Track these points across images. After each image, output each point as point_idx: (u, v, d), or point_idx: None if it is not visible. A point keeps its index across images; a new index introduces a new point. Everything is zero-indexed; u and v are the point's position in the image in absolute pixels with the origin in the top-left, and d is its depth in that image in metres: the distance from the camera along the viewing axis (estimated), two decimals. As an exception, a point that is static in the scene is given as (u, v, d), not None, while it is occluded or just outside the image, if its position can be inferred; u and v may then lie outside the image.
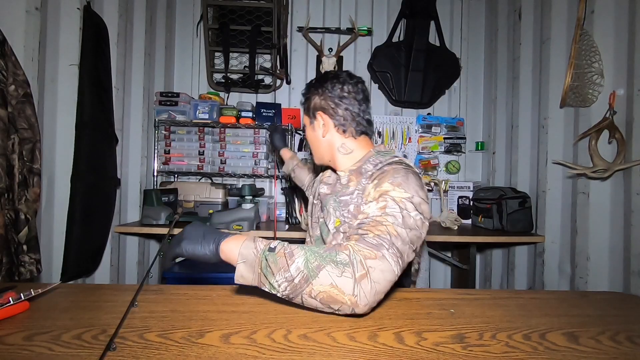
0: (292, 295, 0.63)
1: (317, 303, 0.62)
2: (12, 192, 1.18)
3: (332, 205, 0.89)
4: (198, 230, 0.70)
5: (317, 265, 0.62)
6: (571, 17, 1.72)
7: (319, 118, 0.94)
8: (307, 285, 0.61)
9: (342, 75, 0.93)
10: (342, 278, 0.61)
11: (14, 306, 0.62)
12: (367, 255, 0.64)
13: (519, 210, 1.91)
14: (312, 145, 1.00)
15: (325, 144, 0.95)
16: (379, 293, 0.63)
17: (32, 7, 1.29)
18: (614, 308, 0.75)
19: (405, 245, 0.69)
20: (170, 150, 2.28)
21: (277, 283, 0.62)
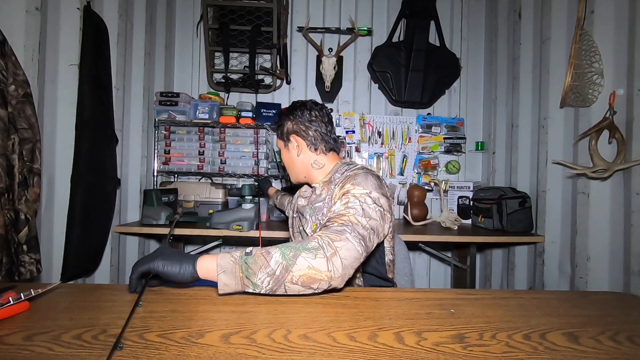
0: (275, 287, 0.70)
1: (299, 287, 0.70)
2: (12, 192, 1.18)
3: (309, 212, 1.02)
4: (172, 251, 0.74)
5: (293, 254, 0.70)
6: (571, 17, 1.72)
7: (293, 140, 1.07)
8: (287, 273, 0.69)
9: (309, 103, 1.08)
10: (317, 259, 0.70)
11: (14, 306, 0.62)
12: (333, 239, 0.74)
13: (519, 210, 1.91)
14: (288, 166, 1.12)
15: (300, 162, 1.08)
16: (348, 267, 0.74)
17: (32, 7, 1.29)
18: (614, 308, 0.75)
19: (366, 231, 0.80)
20: (170, 150, 2.28)
21: (260, 280, 0.69)
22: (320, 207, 1.00)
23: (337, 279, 0.72)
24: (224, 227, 1.79)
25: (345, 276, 0.73)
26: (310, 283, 0.70)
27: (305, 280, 0.70)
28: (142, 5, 2.04)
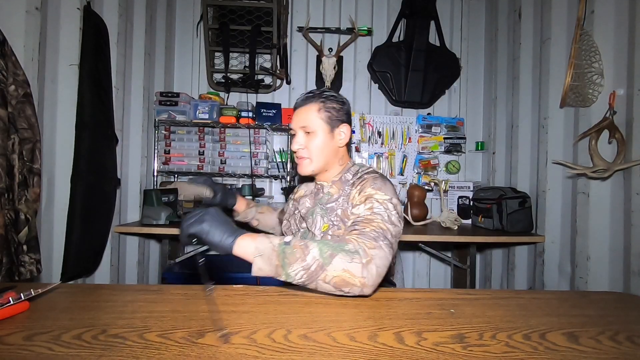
0: (307, 282, 0.72)
1: (330, 287, 0.72)
2: (12, 192, 1.18)
3: (319, 213, 0.99)
4: (220, 218, 0.74)
5: (330, 254, 0.72)
6: (571, 17, 1.72)
7: (343, 128, 1.02)
8: (322, 271, 0.71)
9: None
10: (353, 264, 0.71)
11: (14, 306, 0.62)
12: (368, 246, 0.75)
13: (519, 210, 1.91)
14: (321, 152, 1.00)
15: (334, 152, 1.02)
16: (380, 275, 0.75)
17: (32, 7, 1.29)
18: (614, 308, 0.75)
19: (393, 238, 0.82)
20: (170, 150, 2.28)
21: (294, 272, 0.71)
22: (332, 208, 0.97)
23: (370, 286, 0.73)
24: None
25: (376, 284, 0.74)
26: (343, 286, 0.71)
27: (338, 282, 0.71)
28: (142, 5, 2.03)
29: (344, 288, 0.71)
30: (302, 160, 1.01)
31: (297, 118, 1.01)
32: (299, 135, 1.01)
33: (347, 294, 0.73)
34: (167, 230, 1.84)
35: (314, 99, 1.00)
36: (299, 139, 1.00)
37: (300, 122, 1.00)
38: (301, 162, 1.01)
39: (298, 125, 1.01)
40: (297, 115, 1.02)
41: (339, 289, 0.72)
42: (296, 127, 1.01)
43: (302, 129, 1.00)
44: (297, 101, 1.03)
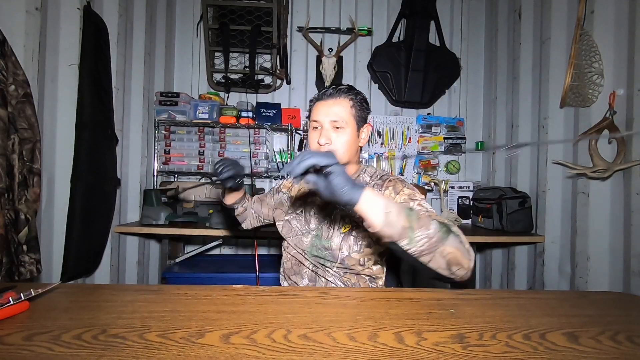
0: (425, 252, 0.70)
1: (444, 262, 0.71)
2: (12, 192, 1.18)
3: (340, 213, 0.97)
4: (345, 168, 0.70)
5: (446, 229, 0.71)
6: (571, 17, 1.72)
7: (366, 127, 1.01)
8: (441, 244, 0.70)
9: None
10: (462, 245, 0.72)
11: (14, 306, 0.62)
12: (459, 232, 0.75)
13: (519, 210, 1.91)
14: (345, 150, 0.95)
15: (355, 151, 0.99)
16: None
17: (32, 7, 1.29)
18: (614, 308, 0.75)
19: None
20: (170, 150, 2.28)
21: (418, 237, 0.69)
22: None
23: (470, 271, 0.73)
24: (224, 227, 1.79)
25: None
26: (454, 264, 0.71)
27: (452, 259, 0.71)
28: (142, 5, 2.03)
29: (453, 267, 0.71)
30: None
31: (327, 110, 0.94)
32: (326, 129, 0.94)
33: (452, 274, 0.72)
34: (167, 230, 1.84)
35: (345, 94, 0.96)
36: (326, 133, 0.94)
37: (331, 116, 0.94)
38: None
39: (328, 118, 0.94)
40: (327, 108, 0.95)
41: (449, 267, 0.71)
42: (324, 120, 0.95)
43: (332, 124, 0.94)
44: (326, 92, 0.97)
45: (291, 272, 1.05)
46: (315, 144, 0.95)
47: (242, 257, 2.41)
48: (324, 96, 0.97)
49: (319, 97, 0.98)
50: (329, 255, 0.96)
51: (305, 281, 1.02)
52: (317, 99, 0.99)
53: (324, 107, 0.95)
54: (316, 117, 0.96)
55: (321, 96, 0.98)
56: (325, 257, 0.96)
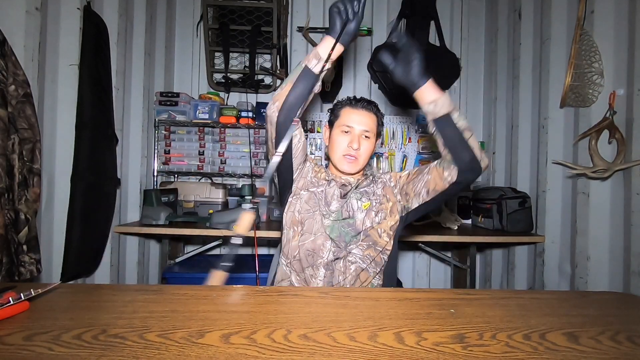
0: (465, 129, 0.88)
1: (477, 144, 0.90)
2: (12, 192, 1.18)
3: (354, 197, 1.07)
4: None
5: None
6: (571, 17, 1.72)
7: (378, 141, 1.16)
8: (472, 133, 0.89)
9: None
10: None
11: (14, 306, 0.62)
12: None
13: (519, 210, 1.91)
14: (367, 157, 1.11)
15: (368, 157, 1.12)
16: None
17: (32, 7, 1.29)
18: (614, 308, 0.75)
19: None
20: (170, 150, 2.28)
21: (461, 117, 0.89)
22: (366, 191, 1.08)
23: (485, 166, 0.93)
24: (224, 227, 1.79)
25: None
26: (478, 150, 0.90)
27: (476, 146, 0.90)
28: (142, 5, 2.03)
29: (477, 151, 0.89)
30: (354, 161, 1.07)
31: (361, 120, 1.07)
32: (357, 135, 1.07)
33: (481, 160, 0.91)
34: (167, 230, 1.84)
35: (374, 109, 1.11)
36: (358, 139, 1.06)
37: (364, 126, 1.07)
38: (353, 162, 1.07)
39: (361, 127, 1.07)
40: (361, 117, 1.07)
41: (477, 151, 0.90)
42: (357, 128, 1.07)
43: (363, 132, 1.07)
44: (359, 103, 1.09)
45: (301, 265, 1.01)
46: (345, 147, 1.06)
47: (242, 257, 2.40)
48: (358, 106, 1.08)
49: (352, 105, 1.09)
50: (352, 231, 1.02)
51: (321, 271, 0.99)
52: (349, 105, 1.10)
53: (358, 115, 1.07)
54: (349, 123, 1.07)
55: (355, 105, 1.09)
56: (348, 233, 1.02)
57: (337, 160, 1.08)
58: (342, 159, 1.07)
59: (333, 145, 1.09)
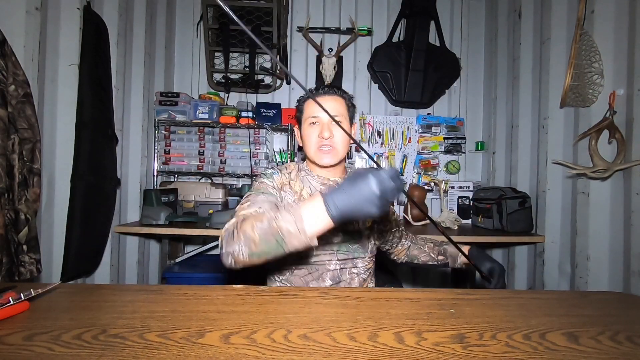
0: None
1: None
2: (12, 192, 1.18)
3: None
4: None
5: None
6: (571, 17, 1.72)
7: (354, 127, 1.07)
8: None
9: None
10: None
11: (14, 306, 0.62)
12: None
13: (519, 210, 1.91)
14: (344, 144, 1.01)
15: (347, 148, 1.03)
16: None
17: (32, 7, 1.29)
18: (614, 308, 0.75)
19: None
20: (170, 150, 2.28)
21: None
22: None
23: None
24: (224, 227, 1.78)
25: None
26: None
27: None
28: (142, 5, 2.03)
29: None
30: (331, 150, 0.99)
31: (329, 106, 0.98)
32: (326, 124, 0.98)
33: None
34: (167, 230, 1.84)
35: (340, 93, 1.02)
36: (328, 126, 0.98)
37: (331, 111, 0.94)
38: (330, 151, 0.99)
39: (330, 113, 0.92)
40: (329, 103, 0.99)
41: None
42: (324, 115, 0.98)
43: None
44: (320, 90, 1.02)
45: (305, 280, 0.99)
46: (317, 138, 0.98)
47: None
48: (319, 93, 1.01)
49: (314, 94, 1.01)
50: (359, 247, 1.02)
51: (328, 282, 0.99)
52: (311, 97, 0.96)
53: (325, 102, 0.98)
54: (315, 113, 0.99)
55: (317, 93, 1.02)
56: (355, 250, 1.02)
57: (314, 155, 1.00)
58: (317, 153, 0.99)
59: (305, 141, 1.02)
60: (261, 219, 0.72)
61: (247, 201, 0.90)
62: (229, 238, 0.76)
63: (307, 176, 1.04)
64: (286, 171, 1.03)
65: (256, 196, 0.91)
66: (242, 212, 0.86)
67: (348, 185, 0.66)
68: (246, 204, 0.89)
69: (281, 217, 0.69)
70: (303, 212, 0.68)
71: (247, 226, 0.73)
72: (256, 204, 0.88)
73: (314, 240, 0.68)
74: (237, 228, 0.75)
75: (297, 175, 1.03)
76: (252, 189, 0.96)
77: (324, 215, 0.67)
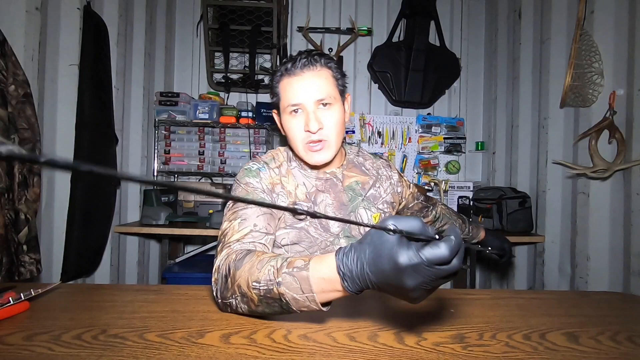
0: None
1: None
2: (12, 192, 1.18)
3: (362, 205, 0.86)
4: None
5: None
6: (571, 17, 1.72)
7: (348, 97, 0.83)
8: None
9: None
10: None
11: (14, 306, 0.62)
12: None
13: (519, 210, 1.91)
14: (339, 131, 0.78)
15: (344, 130, 0.81)
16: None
17: (32, 7, 1.29)
18: (614, 308, 0.75)
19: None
20: (170, 150, 2.28)
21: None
22: (375, 195, 0.88)
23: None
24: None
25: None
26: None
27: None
28: (142, 6, 2.04)
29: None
30: (323, 146, 0.76)
31: (308, 87, 0.74)
32: (312, 111, 0.74)
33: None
34: (167, 230, 1.84)
35: (324, 62, 0.76)
36: (315, 115, 0.74)
37: (315, 94, 0.73)
38: (322, 148, 0.76)
39: (312, 98, 0.73)
40: (307, 84, 0.74)
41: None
42: (307, 101, 0.74)
43: (318, 102, 0.74)
44: (297, 63, 0.74)
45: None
46: (302, 132, 0.75)
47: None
48: (297, 69, 0.74)
49: (289, 71, 0.75)
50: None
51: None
52: (287, 73, 0.75)
53: (301, 83, 0.74)
54: (295, 99, 0.74)
55: (292, 69, 0.74)
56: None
57: (302, 154, 0.79)
58: (306, 151, 0.77)
59: (288, 134, 0.79)
60: (257, 277, 0.56)
61: (235, 216, 0.72)
62: (222, 284, 0.61)
63: (299, 169, 0.84)
64: (274, 164, 0.83)
65: (245, 208, 0.73)
66: (233, 237, 0.69)
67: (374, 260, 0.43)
68: (235, 221, 0.71)
69: (283, 281, 0.53)
70: (311, 276, 0.50)
71: (242, 280, 0.57)
72: (248, 220, 0.71)
73: (327, 307, 0.54)
74: (229, 273, 0.60)
75: (288, 170, 0.83)
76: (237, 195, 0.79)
77: (338, 286, 0.49)
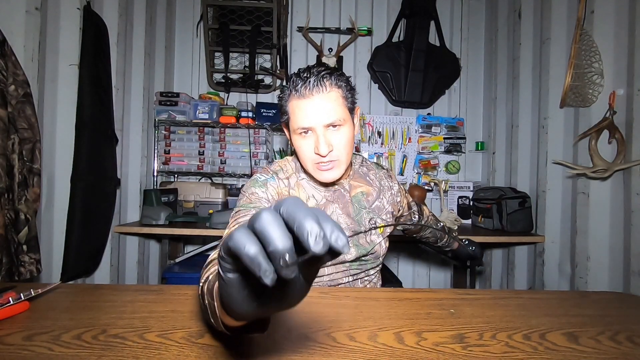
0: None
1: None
2: (12, 192, 1.18)
3: (366, 217, 0.91)
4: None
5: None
6: (571, 17, 1.72)
7: (357, 111, 0.84)
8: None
9: None
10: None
11: (14, 306, 0.62)
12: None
13: (519, 210, 1.91)
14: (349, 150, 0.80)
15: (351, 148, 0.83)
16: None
17: (32, 7, 1.29)
18: (614, 308, 0.75)
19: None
20: (170, 150, 2.28)
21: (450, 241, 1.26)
22: (379, 206, 0.94)
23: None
24: (224, 227, 1.79)
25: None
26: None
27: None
28: (142, 5, 2.03)
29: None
30: (333, 164, 0.79)
31: (318, 111, 0.75)
32: (321, 134, 0.76)
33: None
34: (167, 230, 1.84)
35: (333, 82, 0.77)
36: (324, 139, 0.76)
37: (324, 118, 0.75)
38: (330, 167, 0.79)
39: (321, 122, 0.75)
40: (317, 107, 0.75)
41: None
42: (317, 125, 0.76)
43: (329, 126, 0.76)
44: (307, 85, 0.75)
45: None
46: (312, 153, 0.78)
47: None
48: (307, 91, 0.75)
49: (298, 92, 0.76)
50: (372, 258, 0.93)
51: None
52: (296, 95, 0.77)
53: (311, 107, 0.76)
54: (304, 123, 0.76)
55: (302, 91, 0.76)
56: (368, 261, 0.93)
57: (312, 172, 0.83)
58: (316, 171, 0.81)
59: (298, 152, 0.82)
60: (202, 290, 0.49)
61: (235, 223, 0.72)
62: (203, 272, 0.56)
63: (308, 181, 0.88)
64: (284, 175, 0.86)
65: (246, 213, 0.74)
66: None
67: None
68: (234, 226, 0.71)
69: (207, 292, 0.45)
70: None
71: (202, 280, 0.52)
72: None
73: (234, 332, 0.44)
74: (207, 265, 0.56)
75: (297, 182, 0.87)
76: (241, 204, 0.78)
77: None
